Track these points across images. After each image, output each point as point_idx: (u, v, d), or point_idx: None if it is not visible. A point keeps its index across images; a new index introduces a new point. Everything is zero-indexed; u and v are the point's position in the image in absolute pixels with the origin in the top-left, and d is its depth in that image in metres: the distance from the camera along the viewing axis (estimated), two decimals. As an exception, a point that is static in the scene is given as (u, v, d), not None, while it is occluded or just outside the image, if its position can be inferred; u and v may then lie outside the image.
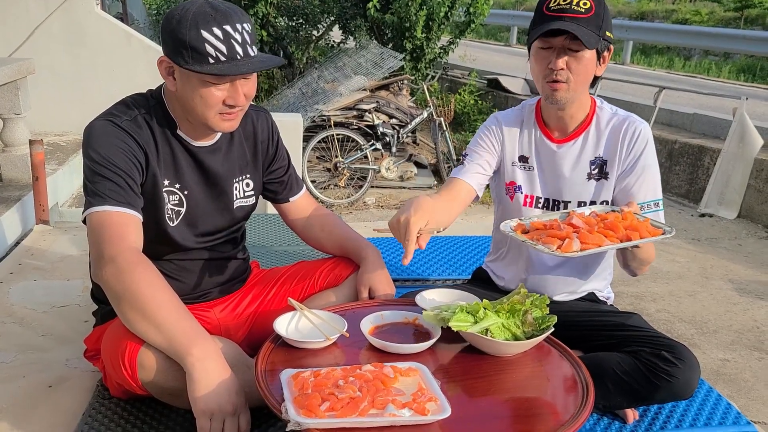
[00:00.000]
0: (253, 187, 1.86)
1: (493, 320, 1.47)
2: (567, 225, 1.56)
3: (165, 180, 1.67)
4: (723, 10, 14.44)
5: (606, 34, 1.74)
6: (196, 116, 1.59)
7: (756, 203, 5.56)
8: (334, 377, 1.29)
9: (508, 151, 1.96)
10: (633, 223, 1.55)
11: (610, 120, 1.88)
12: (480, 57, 11.07)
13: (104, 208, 1.51)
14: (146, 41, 5.00)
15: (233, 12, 1.52)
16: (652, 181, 1.84)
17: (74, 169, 4.25)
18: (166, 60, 1.55)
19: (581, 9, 1.70)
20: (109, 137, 1.56)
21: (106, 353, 1.59)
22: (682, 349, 1.66)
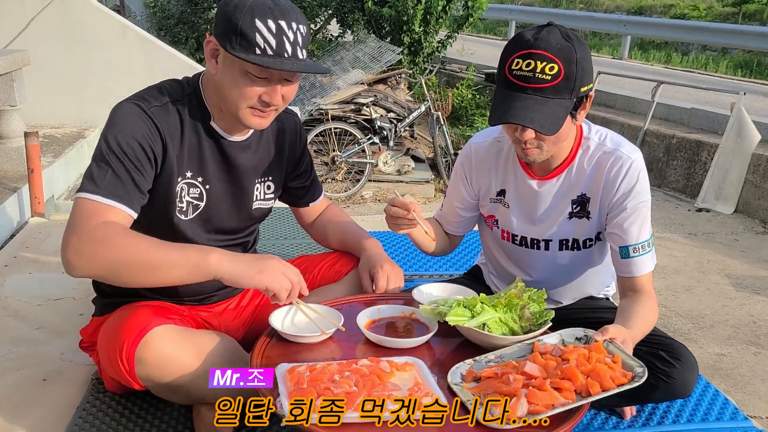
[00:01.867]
0: (273, 190, 1.83)
1: (490, 315, 1.46)
2: (520, 374, 1.30)
3: (188, 171, 1.63)
4: (721, 5, 14.43)
5: (581, 89, 1.56)
6: (229, 105, 1.56)
7: (753, 198, 5.57)
8: (329, 372, 1.29)
9: (485, 186, 1.86)
10: (596, 368, 1.29)
11: (596, 153, 1.72)
12: (478, 51, 11.04)
13: (95, 197, 1.46)
14: (143, 33, 4.97)
15: (292, 10, 1.50)
16: (645, 221, 1.71)
17: (70, 162, 4.22)
18: (213, 41, 1.52)
19: (546, 77, 1.51)
20: (131, 123, 1.52)
21: (103, 348, 1.57)
22: (680, 348, 1.65)
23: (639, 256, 1.68)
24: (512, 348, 1.43)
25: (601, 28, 13.18)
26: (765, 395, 2.98)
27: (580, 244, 1.80)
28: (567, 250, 1.81)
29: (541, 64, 1.50)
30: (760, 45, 10.11)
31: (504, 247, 1.91)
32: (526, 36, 1.55)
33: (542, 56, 1.50)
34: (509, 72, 1.54)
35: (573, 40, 1.54)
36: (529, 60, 1.51)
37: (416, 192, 6.00)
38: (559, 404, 1.23)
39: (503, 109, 1.55)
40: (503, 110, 1.55)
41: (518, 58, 1.53)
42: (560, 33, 1.54)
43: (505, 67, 1.56)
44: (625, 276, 1.72)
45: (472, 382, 1.35)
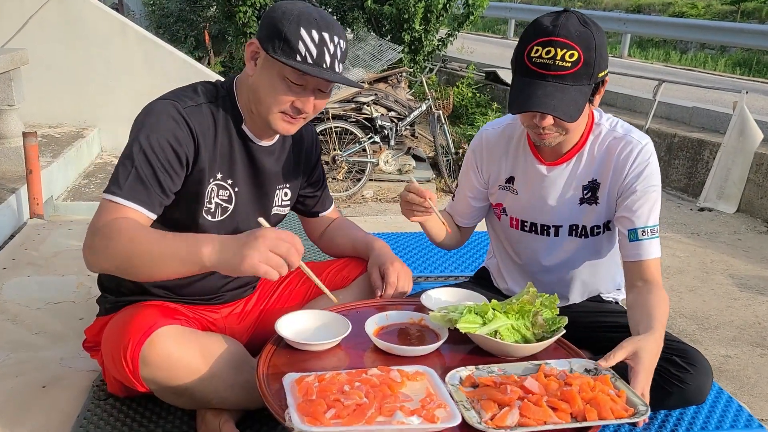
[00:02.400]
0: (290, 197, 1.85)
1: (502, 322, 1.43)
2: (518, 387, 1.27)
3: (218, 173, 1.63)
4: (720, 3, 14.39)
5: (599, 75, 1.57)
6: (262, 108, 1.57)
7: (755, 197, 5.54)
8: (339, 382, 1.25)
9: (494, 173, 1.87)
10: (598, 397, 1.24)
11: (606, 138, 1.72)
12: (477, 49, 11.02)
13: (115, 198, 1.48)
14: (142, 32, 4.92)
15: (336, 25, 1.54)
16: (654, 206, 1.70)
17: (69, 162, 4.18)
18: (256, 44, 1.54)
19: (567, 64, 1.51)
20: (165, 122, 1.52)
21: (107, 348, 1.54)
22: (694, 354, 1.62)
23: (648, 239, 1.67)
24: (517, 365, 1.40)
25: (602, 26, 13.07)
26: (772, 398, 2.95)
27: (588, 231, 1.79)
28: (576, 237, 1.80)
29: (562, 51, 1.50)
30: (759, 43, 10.09)
31: (512, 237, 1.90)
32: (544, 23, 1.54)
33: (562, 43, 1.50)
34: (528, 59, 1.54)
35: (590, 26, 1.54)
36: (549, 47, 1.51)
37: (417, 191, 5.97)
38: (551, 422, 1.20)
39: (524, 97, 1.54)
40: (524, 98, 1.54)
41: (538, 46, 1.52)
42: (578, 19, 1.54)
43: (523, 54, 1.55)
44: (633, 261, 1.68)
45: (469, 386, 1.33)
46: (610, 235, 1.82)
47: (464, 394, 1.26)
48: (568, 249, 1.83)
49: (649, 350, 1.41)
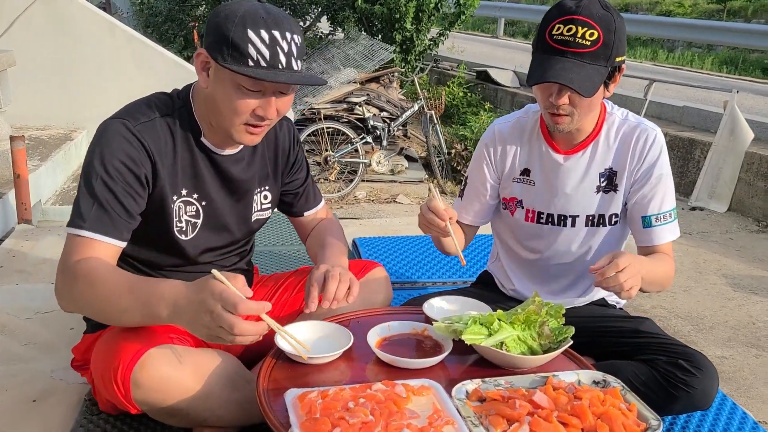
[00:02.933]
0: (270, 200, 1.78)
1: (508, 333, 1.40)
2: (527, 402, 1.24)
3: (183, 189, 1.57)
4: (705, 2, 14.46)
5: (617, 59, 1.61)
6: (222, 121, 1.49)
7: (746, 197, 5.56)
8: (343, 398, 1.21)
9: (509, 166, 1.86)
10: (609, 412, 1.22)
11: (620, 127, 1.77)
12: (468, 49, 10.99)
13: (81, 232, 1.43)
14: (130, 32, 4.85)
15: (286, 20, 1.43)
16: (668, 191, 1.76)
17: (57, 165, 4.11)
18: (204, 54, 1.45)
19: (587, 42, 1.56)
20: (117, 143, 1.45)
21: (98, 370, 1.49)
22: (700, 358, 1.61)
23: (661, 225, 1.74)
24: (524, 377, 1.37)
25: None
26: (769, 399, 2.95)
27: (606, 220, 1.82)
28: (593, 227, 1.82)
29: (582, 30, 1.55)
30: (745, 42, 10.14)
31: (526, 232, 1.89)
32: (567, 4, 1.58)
33: (584, 22, 1.55)
34: (549, 36, 1.59)
35: (611, 11, 1.58)
36: (570, 25, 1.55)
37: (410, 192, 5.93)
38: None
39: (542, 69, 1.58)
40: (542, 71, 1.58)
41: (560, 24, 1.57)
42: (600, 3, 1.58)
43: (545, 32, 1.60)
44: (646, 246, 1.76)
45: (476, 401, 1.29)
46: (623, 224, 1.85)
47: (471, 409, 1.23)
48: (585, 240, 1.84)
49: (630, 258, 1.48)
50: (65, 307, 1.46)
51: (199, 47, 1.51)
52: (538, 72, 1.59)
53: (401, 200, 5.80)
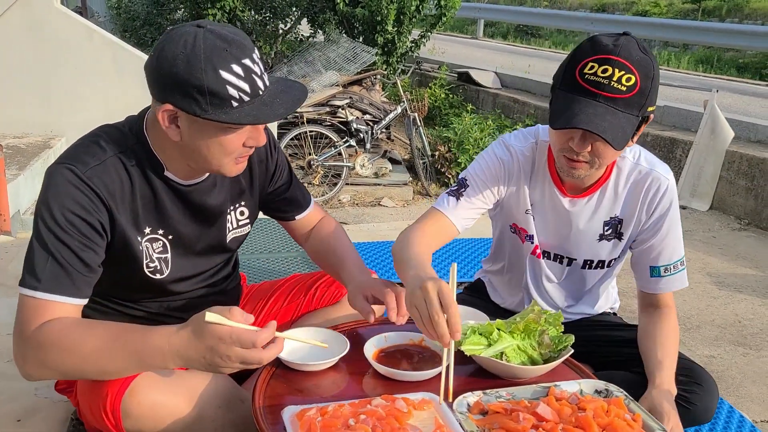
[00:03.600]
0: (248, 215, 1.68)
1: (507, 342, 1.38)
2: (530, 414, 1.21)
3: (146, 228, 1.47)
4: (681, 2, 14.64)
5: (648, 108, 1.46)
6: (209, 165, 1.39)
7: (728, 195, 5.61)
8: (343, 415, 1.18)
9: (520, 193, 1.73)
10: (614, 423, 1.19)
11: (632, 173, 1.65)
12: (448, 50, 11.01)
13: (36, 294, 1.30)
14: (109, 36, 4.76)
15: (243, 40, 1.31)
16: (678, 241, 1.68)
17: (36, 174, 4.02)
18: (170, 109, 1.30)
19: (622, 87, 1.39)
20: (67, 195, 1.33)
21: (85, 398, 1.43)
22: (699, 372, 1.60)
23: (670, 275, 1.67)
24: (526, 388, 1.34)
25: (569, 25, 13.27)
26: (757, 398, 2.96)
27: (605, 264, 1.75)
28: (589, 269, 1.76)
29: (619, 73, 1.40)
30: (720, 41, 10.27)
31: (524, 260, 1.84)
32: (603, 41, 1.43)
33: (622, 64, 1.40)
34: (580, 75, 1.43)
35: (650, 55, 1.45)
36: (606, 66, 1.40)
37: (395, 195, 5.91)
38: None
39: (571, 112, 1.41)
40: (571, 114, 1.41)
41: (594, 62, 1.42)
42: (638, 44, 1.44)
43: (575, 69, 1.44)
44: (650, 293, 1.69)
45: (478, 414, 1.26)
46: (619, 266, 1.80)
47: (474, 423, 1.21)
48: (578, 277, 1.80)
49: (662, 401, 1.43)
50: (33, 375, 1.31)
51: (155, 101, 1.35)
52: (566, 114, 1.42)
53: (386, 203, 5.77)
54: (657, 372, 1.52)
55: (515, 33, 15.98)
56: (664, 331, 1.60)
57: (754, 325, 3.70)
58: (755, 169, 5.42)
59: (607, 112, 1.40)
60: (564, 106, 1.44)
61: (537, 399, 1.28)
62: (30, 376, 1.32)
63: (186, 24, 1.32)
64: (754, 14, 13.14)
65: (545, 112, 7.53)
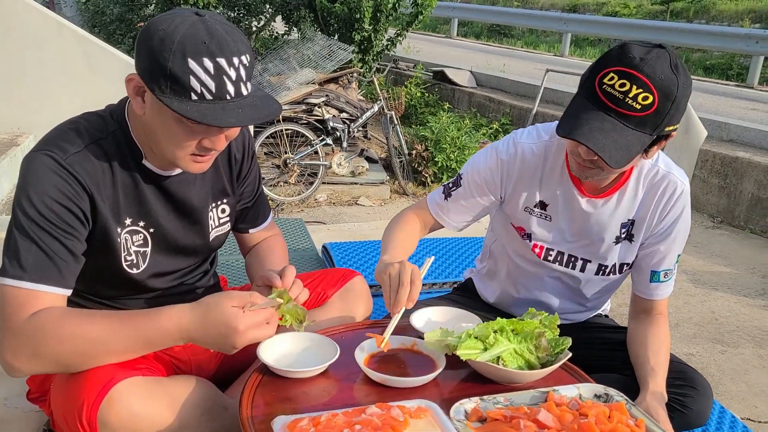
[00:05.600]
0: (228, 213, 1.62)
1: (504, 346, 1.33)
2: (531, 422, 1.17)
3: (127, 219, 1.41)
4: (650, 3, 14.85)
5: (667, 128, 1.39)
6: (164, 152, 1.34)
7: (701, 193, 5.68)
8: (337, 425, 1.13)
9: (523, 192, 1.68)
10: (618, 429, 1.16)
11: (650, 173, 1.60)
12: (423, 49, 11.00)
13: (22, 284, 1.25)
14: (80, 32, 4.62)
15: (232, 40, 1.23)
16: (680, 248, 1.64)
17: (3, 173, 3.88)
18: (137, 80, 1.26)
19: (637, 105, 1.33)
20: (47, 182, 1.28)
21: (59, 408, 1.34)
22: (693, 375, 1.58)
23: (667, 281, 1.65)
24: (524, 393, 1.30)
25: (542, 25, 13.36)
26: (737, 395, 2.99)
27: (617, 269, 1.70)
28: (602, 275, 1.72)
29: (637, 90, 1.33)
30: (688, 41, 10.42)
31: (527, 260, 1.77)
32: (632, 52, 1.35)
33: (641, 81, 1.33)
34: (599, 84, 1.37)
35: (680, 74, 1.36)
36: (625, 80, 1.34)
37: (371, 194, 5.86)
38: None
39: (577, 123, 1.37)
40: (576, 124, 1.37)
41: (614, 74, 1.35)
42: (670, 61, 1.36)
43: (596, 76, 1.37)
44: (645, 299, 1.67)
45: (476, 421, 1.22)
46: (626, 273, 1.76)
47: (473, 430, 1.16)
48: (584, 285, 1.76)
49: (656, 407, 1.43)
50: (22, 368, 1.25)
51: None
52: (572, 123, 1.38)
53: (363, 202, 5.72)
54: (650, 378, 1.50)
55: (488, 33, 16.05)
56: (657, 337, 1.59)
57: (730, 322, 3.74)
58: (728, 168, 5.49)
59: (614, 129, 1.35)
60: (574, 113, 1.39)
61: (536, 405, 1.24)
62: (18, 371, 1.26)
63: (190, 9, 1.28)
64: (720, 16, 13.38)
65: (521, 111, 7.55)
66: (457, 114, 7.58)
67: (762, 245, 5.01)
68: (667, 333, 1.63)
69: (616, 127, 1.35)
